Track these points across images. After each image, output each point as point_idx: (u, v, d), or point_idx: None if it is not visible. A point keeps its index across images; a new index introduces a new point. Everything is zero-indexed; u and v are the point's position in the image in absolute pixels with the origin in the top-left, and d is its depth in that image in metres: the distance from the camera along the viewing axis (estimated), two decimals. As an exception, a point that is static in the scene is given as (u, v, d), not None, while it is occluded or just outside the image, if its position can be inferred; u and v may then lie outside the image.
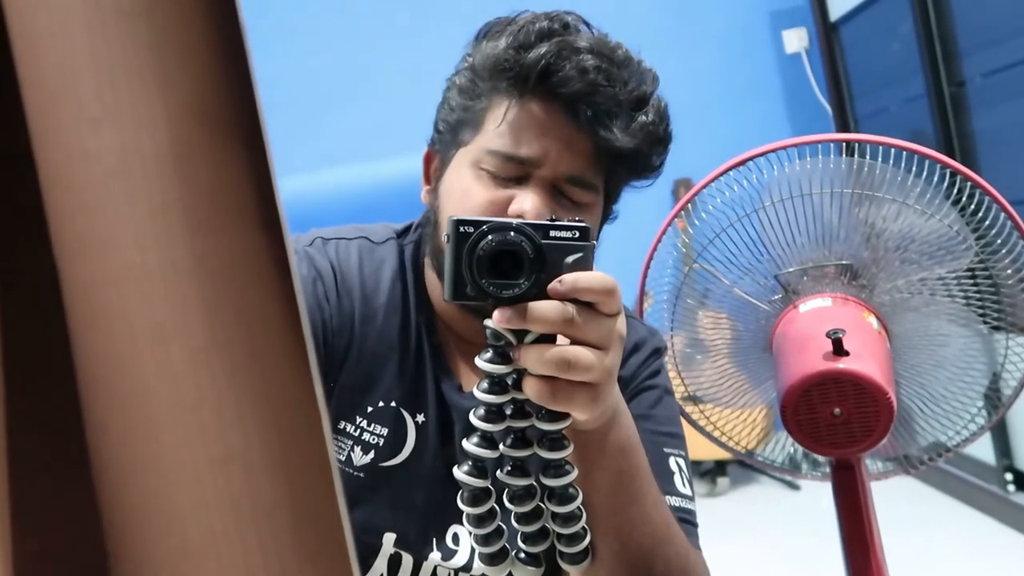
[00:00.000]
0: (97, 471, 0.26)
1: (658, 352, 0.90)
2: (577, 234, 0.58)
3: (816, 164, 0.95)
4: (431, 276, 0.84)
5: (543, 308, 0.57)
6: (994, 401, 1.04)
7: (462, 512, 0.65)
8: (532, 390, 0.59)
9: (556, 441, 0.62)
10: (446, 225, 0.58)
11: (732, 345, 1.06)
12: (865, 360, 0.84)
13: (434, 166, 0.84)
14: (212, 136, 0.24)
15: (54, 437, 0.26)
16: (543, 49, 0.73)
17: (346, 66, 3.17)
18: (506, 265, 0.57)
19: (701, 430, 1.11)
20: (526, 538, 0.67)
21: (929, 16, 2.54)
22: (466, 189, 0.77)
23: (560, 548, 0.67)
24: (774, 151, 0.97)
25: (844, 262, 0.96)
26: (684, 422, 0.94)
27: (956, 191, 0.95)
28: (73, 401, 0.25)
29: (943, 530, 2.47)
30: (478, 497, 0.64)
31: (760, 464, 1.15)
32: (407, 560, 0.81)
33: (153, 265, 0.23)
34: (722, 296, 1.03)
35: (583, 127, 0.74)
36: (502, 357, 0.59)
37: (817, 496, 2.54)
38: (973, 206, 0.94)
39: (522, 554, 0.68)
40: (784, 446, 1.13)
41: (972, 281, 0.96)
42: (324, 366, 0.79)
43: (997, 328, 0.98)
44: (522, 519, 0.65)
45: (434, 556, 0.81)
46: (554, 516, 0.65)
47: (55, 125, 0.23)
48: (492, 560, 0.67)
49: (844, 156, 0.96)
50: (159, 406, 0.24)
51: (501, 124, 0.75)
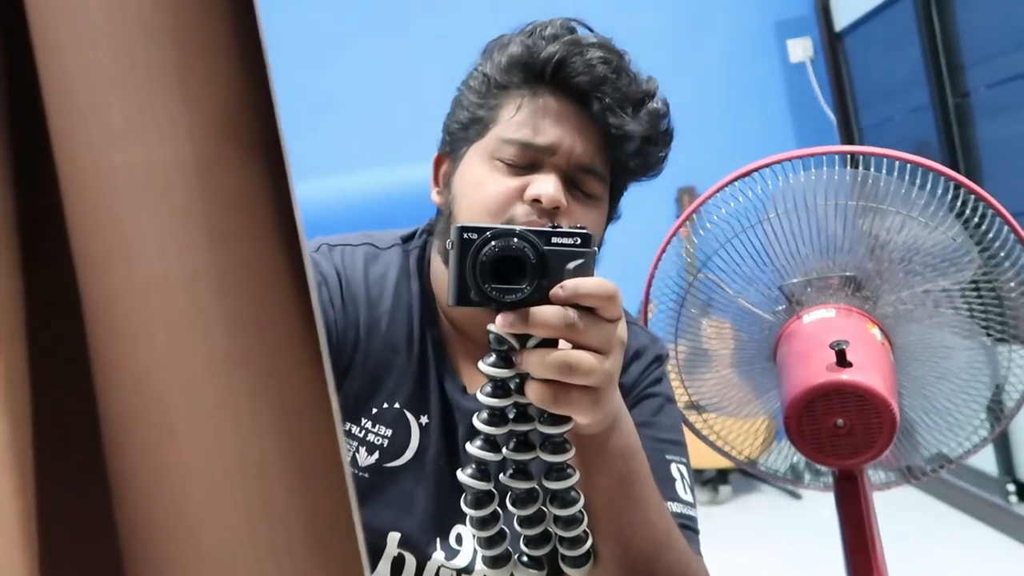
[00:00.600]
0: (115, 479, 0.26)
1: (660, 359, 0.91)
2: (579, 241, 0.59)
3: (820, 176, 0.96)
4: (438, 278, 0.84)
5: (545, 313, 0.58)
6: (997, 413, 1.04)
7: (465, 513, 0.65)
8: (534, 394, 0.59)
9: (558, 445, 0.63)
10: (451, 231, 0.59)
11: (735, 355, 1.06)
12: (868, 371, 0.84)
13: (444, 169, 0.85)
14: (234, 150, 0.24)
15: (73, 447, 0.27)
16: (555, 46, 0.78)
17: (355, 73, 3.18)
18: (509, 271, 0.58)
19: (704, 439, 1.11)
20: (528, 541, 0.67)
21: (934, 27, 2.55)
22: (480, 179, 0.79)
23: (562, 551, 0.67)
24: (779, 162, 0.97)
25: (848, 273, 0.96)
26: (686, 430, 0.94)
27: (960, 203, 0.95)
28: (92, 412, 0.26)
29: (945, 541, 2.46)
30: (481, 500, 0.65)
31: (762, 473, 1.15)
32: (410, 560, 0.81)
33: (175, 277, 0.24)
34: (726, 306, 1.03)
35: (595, 117, 0.78)
36: (505, 361, 0.60)
37: (819, 505, 2.54)
38: (977, 218, 0.94)
39: (524, 557, 0.68)
40: (786, 455, 1.13)
41: (976, 293, 0.96)
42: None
43: (1000, 340, 0.98)
44: (524, 522, 0.66)
45: (437, 556, 0.81)
46: (556, 519, 0.65)
47: (81, 140, 0.24)
48: (495, 563, 0.68)
49: (848, 168, 0.97)
50: (177, 416, 0.25)
51: (516, 115, 0.79)
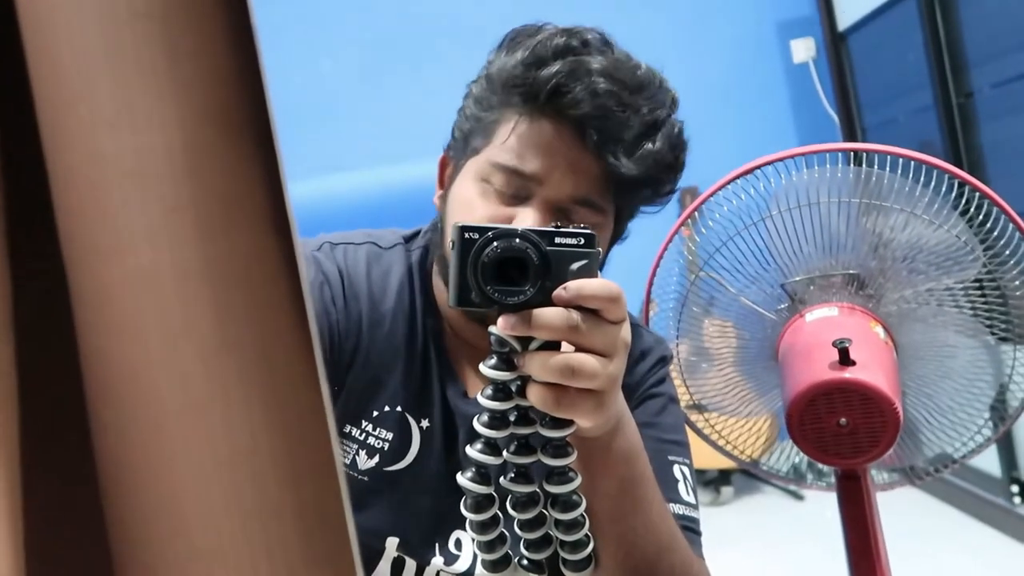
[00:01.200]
0: (104, 472, 0.26)
1: (664, 360, 0.90)
2: (582, 241, 0.58)
3: (824, 173, 0.95)
4: (438, 282, 0.84)
5: (548, 315, 0.57)
6: (1001, 413, 1.03)
7: (465, 518, 0.65)
8: (536, 397, 0.59)
9: (560, 448, 0.62)
10: (451, 231, 0.58)
11: (737, 354, 1.06)
12: (872, 370, 0.83)
13: (448, 172, 0.84)
14: (225, 139, 0.24)
15: (62, 441, 0.26)
16: (555, 68, 0.73)
17: (356, 70, 3.17)
18: (511, 272, 0.57)
19: (706, 438, 1.10)
20: (529, 545, 0.67)
21: (938, 27, 2.54)
22: (469, 202, 0.77)
23: (563, 555, 0.67)
24: (781, 160, 0.97)
25: (851, 272, 0.96)
26: (689, 430, 0.94)
27: (964, 201, 0.95)
28: (81, 404, 0.25)
29: (948, 542, 2.46)
30: (481, 503, 0.64)
31: (765, 473, 1.15)
32: (410, 564, 0.81)
33: (164, 267, 0.24)
34: (728, 304, 1.02)
35: (590, 150, 0.73)
36: (506, 364, 0.59)
37: (821, 506, 2.53)
38: (981, 217, 0.94)
39: (525, 561, 0.68)
40: (789, 455, 1.12)
41: (980, 292, 0.96)
42: (331, 370, 0.79)
43: (1004, 339, 0.98)
44: (525, 526, 0.65)
45: (436, 561, 0.81)
46: (557, 523, 0.65)
47: (70, 128, 0.23)
48: (495, 567, 0.67)
49: (852, 165, 0.96)
50: (167, 409, 0.24)
51: (509, 138, 0.75)
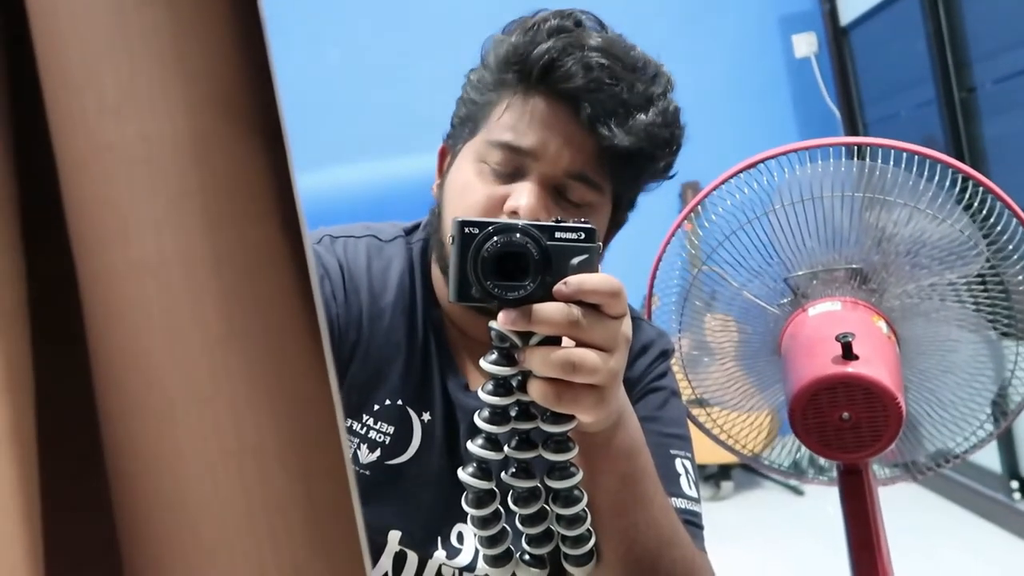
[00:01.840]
0: (111, 464, 0.25)
1: (666, 354, 0.90)
2: (583, 236, 0.58)
3: (827, 168, 0.95)
4: (438, 274, 0.84)
5: (548, 310, 0.56)
6: (1002, 408, 1.03)
7: (467, 511, 0.65)
8: (537, 392, 0.58)
9: (561, 443, 0.62)
10: (451, 225, 0.58)
11: (739, 348, 1.06)
12: (874, 365, 0.83)
13: (447, 161, 0.84)
14: (232, 127, 0.24)
15: (71, 432, 0.26)
16: (548, 45, 0.74)
17: (359, 62, 3.17)
18: (511, 267, 0.56)
19: (708, 433, 1.10)
20: (531, 540, 0.66)
21: (940, 22, 2.54)
22: (466, 183, 0.77)
23: (565, 550, 0.67)
24: (784, 154, 0.97)
25: (854, 266, 0.96)
26: (690, 424, 0.94)
27: (967, 196, 0.94)
28: (90, 396, 0.25)
29: (948, 537, 2.46)
30: (483, 499, 0.64)
31: (766, 468, 1.15)
32: (412, 558, 0.81)
33: (170, 256, 0.23)
34: (730, 299, 1.02)
35: (584, 124, 0.74)
36: (507, 359, 0.59)
37: (822, 501, 2.54)
38: (984, 211, 0.94)
39: (527, 556, 0.68)
40: (790, 450, 1.12)
41: (982, 287, 0.96)
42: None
43: (1006, 335, 0.98)
44: (527, 521, 0.65)
45: (439, 555, 0.81)
46: (559, 518, 0.65)
47: (76, 115, 0.23)
48: (496, 562, 0.67)
49: (855, 160, 0.96)
50: (173, 398, 0.24)
51: (503, 116, 0.76)
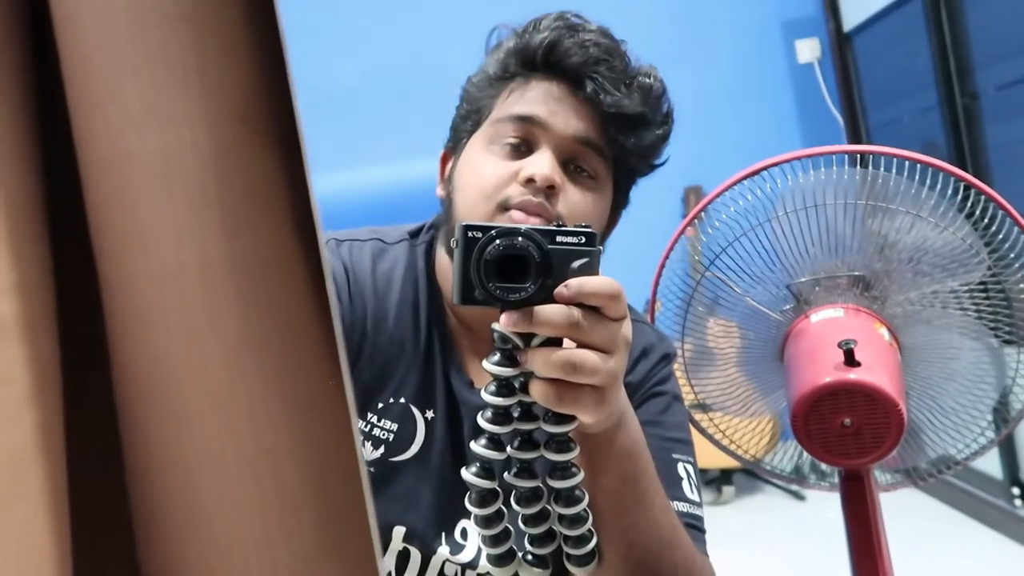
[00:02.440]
0: (130, 466, 0.26)
1: (667, 358, 0.90)
2: (583, 239, 0.59)
3: (830, 175, 0.95)
4: (443, 272, 0.84)
5: (549, 312, 0.57)
6: (1003, 415, 1.04)
7: (471, 510, 0.65)
8: (539, 393, 0.59)
9: (563, 443, 0.63)
10: (456, 230, 0.59)
11: (742, 354, 1.06)
12: (876, 371, 0.84)
13: (449, 164, 0.86)
14: (250, 138, 0.24)
15: (92, 435, 0.27)
16: (547, 32, 0.79)
17: (366, 68, 3.17)
18: (513, 269, 0.58)
19: (710, 438, 1.11)
20: (533, 540, 0.67)
21: (943, 28, 2.54)
22: (477, 165, 0.79)
23: (567, 550, 0.67)
24: (787, 162, 0.97)
25: (856, 273, 0.96)
26: (692, 429, 0.94)
27: (969, 204, 0.95)
28: (111, 402, 0.26)
29: (949, 543, 2.46)
30: (486, 498, 0.64)
31: (767, 473, 1.15)
32: (415, 555, 0.81)
33: (190, 263, 0.24)
34: (733, 305, 1.03)
35: (589, 97, 0.78)
36: (509, 360, 0.60)
37: (823, 507, 2.53)
38: (986, 219, 0.94)
39: (529, 555, 0.68)
40: (792, 455, 1.13)
41: (984, 294, 0.96)
42: None
43: (1008, 342, 0.98)
44: (529, 521, 0.66)
45: (442, 551, 0.81)
46: (561, 518, 0.65)
47: (100, 126, 0.24)
48: (499, 561, 0.68)
49: (858, 168, 0.96)
50: (191, 403, 0.25)
51: (509, 97, 0.80)
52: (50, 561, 0.22)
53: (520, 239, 0.57)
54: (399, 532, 0.81)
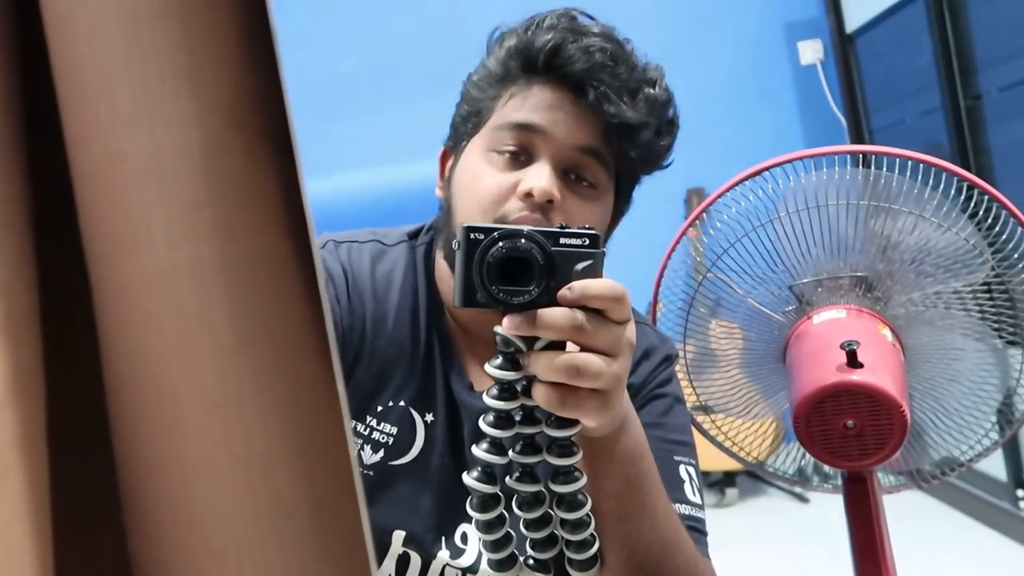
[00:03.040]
0: (122, 468, 0.26)
1: (669, 359, 0.90)
2: (587, 242, 0.58)
3: (832, 175, 0.95)
4: (444, 275, 0.84)
5: (552, 315, 0.57)
6: (1007, 416, 1.03)
7: (472, 515, 0.65)
8: (541, 396, 0.59)
9: (565, 447, 0.62)
10: (457, 232, 0.58)
11: (744, 355, 1.06)
12: (879, 373, 0.83)
13: (449, 163, 0.85)
14: (243, 138, 0.24)
15: (82, 439, 0.26)
16: (551, 34, 0.77)
17: (362, 70, 3.18)
18: (516, 272, 0.57)
19: (712, 440, 1.10)
20: (535, 544, 0.67)
21: (946, 29, 2.54)
22: (475, 174, 0.78)
23: (568, 555, 0.67)
24: (789, 162, 0.97)
25: (859, 274, 0.96)
26: (695, 431, 0.94)
27: (972, 204, 0.94)
28: (101, 400, 0.25)
29: (952, 545, 2.45)
30: (487, 503, 0.64)
31: (770, 475, 1.15)
32: (415, 559, 0.81)
33: (182, 265, 0.24)
34: (735, 306, 1.02)
35: (591, 106, 0.76)
36: (512, 363, 0.59)
37: (826, 509, 2.53)
38: (990, 220, 0.94)
39: (531, 560, 0.68)
40: (794, 457, 1.12)
41: (988, 295, 0.96)
42: None
43: (1012, 343, 0.98)
44: (531, 525, 0.65)
45: (442, 555, 0.81)
46: (563, 523, 0.65)
47: (91, 126, 0.23)
48: (501, 566, 0.67)
49: (860, 168, 0.96)
50: (184, 406, 0.25)
51: (509, 102, 0.78)
52: (30, 566, 0.22)
53: (523, 241, 0.57)
54: (399, 536, 0.80)
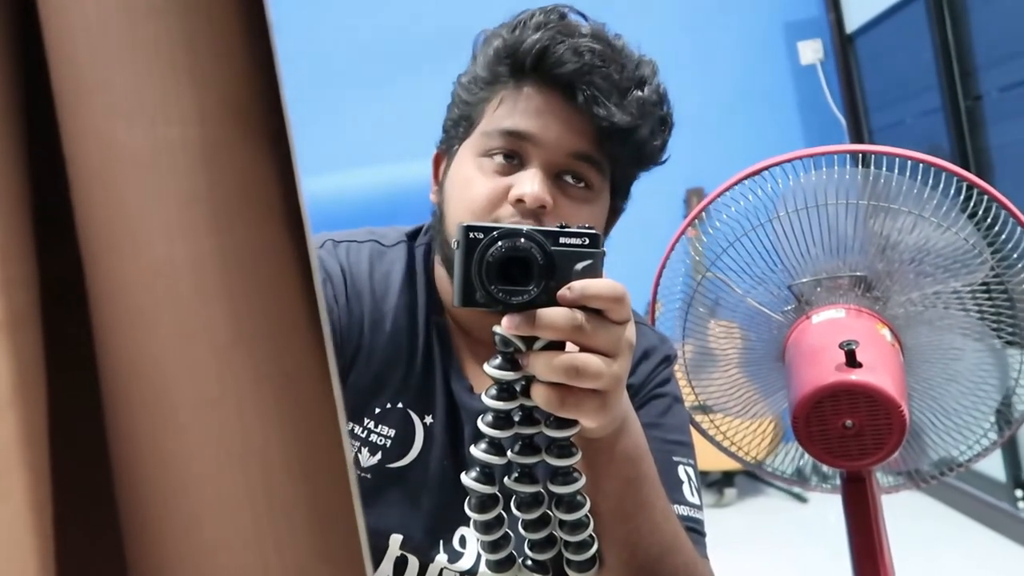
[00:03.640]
0: (117, 466, 0.26)
1: (668, 360, 0.90)
2: (587, 241, 0.58)
3: (831, 175, 0.95)
4: (442, 276, 0.84)
5: (552, 315, 0.56)
6: (1006, 417, 1.03)
7: (469, 516, 0.65)
8: (540, 397, 0.58)
9: (564, 448, 0.62)
10: (456, 230, 0.58)
11: (743, 355, 1.06)
12: (878, 372, 0.83)
13: (442, 167, 0.85)
14: (240, 132, 0.24)
15: (79, 436, 0.26)
16: (538, 35, 0.76)
17: (358, 69, 3.18)
18: (516, 272, 0.57)
19: (711, 439, 1.10)
20: (533, 545, 0.66)
21: (946, 29, 2.53)
22: (467, 179, 0.78)
23: (567, 556, 0.67)
24: (789, 161, 0.97)
25: (858, 274, 0.96)
26: (693, 431, 0.94)
27: (972, 204, 0.94)
28: (97, 397, 0.25)
29: (951, 546, 2.45)
30: (486, 504, 0.64)
31: (769, 475, 1.15)
32: (413, 563, 0.81)
33: (180, 260, 0.24)
34: (734, 306, 1.02)
35: (581, 108, 0.75)
36: (511, 363, 0.59)
37: (825, 509, 2.53)
38: (989, 220, 0.94)
39: (529, 561, 0.68)
40: (793, 457, 1.12)
41: (987, 295, 0.96)
42: None
43: (1011, 343, 0.98)
44: (529, 526, 0.65)
45: (440, 558, 0.81)
46: (561, 523, 0.65)
47: (88, 121, 0.23)
48: (499, 567, 0.67)
49: (860, 167, 0.96)
50: (181, 403, 0.24)
51: (499, 108, 0.77)
52: (33, 564, 0.22)
53: (523, 241, 0.57)
54: (396, 540, 0.80)
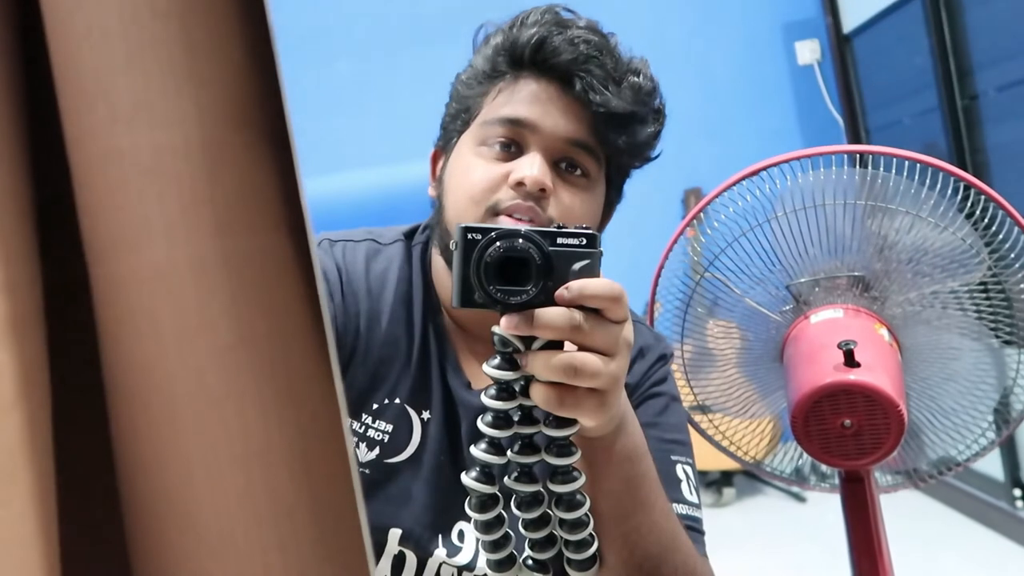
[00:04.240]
0: (120, 467, 0.26)
1: (664, 358, 0.90)
2: (584, 241, 0.59)
3: (829, 175, 0.95)
4: (440, 273, 0.84)
5: (550, 315, 0.57)
6: (1004, 416, 1.03)
7: (470, 515, 0.65)
8: (539, 396, 0.59)
9: (563, 447, 0.62)
10: (454, 232, 0.58)
11: (741, 355, 1.06)
12: (876, 372, 0.83)
13: (440, 163, 0.86)
14: (241, 136, 0.24)
15: (82, 439, 0.26)
16: (535, 28, 0.78)
17: (358, 71, 3.18)
18: (514, 272, 0.57)
19: (709, 439, 1.10)
20: (533, 544, 0.67)
21: (943, 29, 2.54)
22: (466, 167, 0.79)
23: (567, 555, 0.67)
24: (787, 162, 0.97)
25: (856, 274, 0.96)
26: (692, 431, 0.94)
27: (969, 204, 0.95)
28: (100, 399, 0.25)
29: (950, 545, 2.45)
30: (486, 503, 0.64)
31: (767, 474, 1.15)
32: (411, 558, 0.81)
33: (181, 263, 0.24)
34: (732, 306, 1.03)
35: (578, 96, 0.77)
36: (510, 363, 0.59)
37: (823, 509, 2.53)
38: (986, 219, 0.94)
39: (529, 560, 0.68)
40: (792, 457, 1.12)
41: (984, 295, 0.96)
42: None
43: (1008, 343, 0.98)
44: (529, 525, 0.65)
45: (439, 553, 0.81)
46: (561, 523, 0.65)
47: (90, 125, 0.23)
48: (499, 566, 0.67)
49: (857, 168, 0.96)
50: (183, 404, 0.25)
51: (497, 98, 0.79)
52: (38, 564, 0.22)
53: (521, 241, 0.57)
54: (395, 535, 0.80)
